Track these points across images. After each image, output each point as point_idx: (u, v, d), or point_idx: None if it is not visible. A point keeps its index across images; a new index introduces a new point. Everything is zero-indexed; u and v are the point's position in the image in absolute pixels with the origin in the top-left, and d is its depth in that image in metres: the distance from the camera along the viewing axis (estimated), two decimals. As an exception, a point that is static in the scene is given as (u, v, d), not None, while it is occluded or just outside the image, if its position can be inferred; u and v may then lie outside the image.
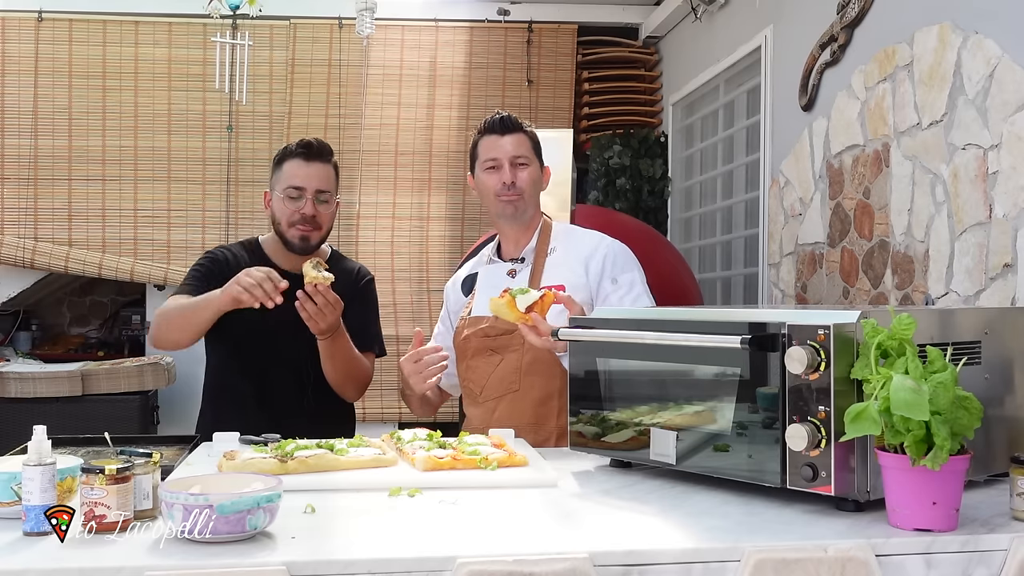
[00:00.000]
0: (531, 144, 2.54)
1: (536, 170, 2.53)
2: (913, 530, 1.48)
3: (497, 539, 1.48)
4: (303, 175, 2.56)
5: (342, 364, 2.54)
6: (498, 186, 2.47)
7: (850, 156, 3.33)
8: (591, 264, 2.45)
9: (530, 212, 2.53)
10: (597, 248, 2.48)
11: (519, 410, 2.39)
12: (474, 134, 2.58)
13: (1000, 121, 2.55)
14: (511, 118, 2.53)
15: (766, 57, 4.03)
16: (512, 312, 2.18)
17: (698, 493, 1.76)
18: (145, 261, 5.08)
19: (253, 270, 2.33)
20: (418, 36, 5.30)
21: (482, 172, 2.52)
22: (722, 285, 4.83)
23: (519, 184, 2.47)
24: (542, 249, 2.51)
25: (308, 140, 2.61)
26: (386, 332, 4.94)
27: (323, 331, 2.43)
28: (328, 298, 2.35)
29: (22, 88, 5.06)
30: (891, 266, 3.07)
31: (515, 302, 2.17)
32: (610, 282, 2.43)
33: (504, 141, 2.49)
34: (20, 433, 1.78)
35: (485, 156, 2.51)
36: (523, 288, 2.22)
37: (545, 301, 2.18)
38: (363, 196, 5.26)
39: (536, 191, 2.54)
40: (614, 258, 2.47)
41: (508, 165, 2.48)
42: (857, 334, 1.58)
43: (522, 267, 2.52)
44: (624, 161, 5.13)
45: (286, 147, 2.63)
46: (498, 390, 2.44)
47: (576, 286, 2.40)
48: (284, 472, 1.81)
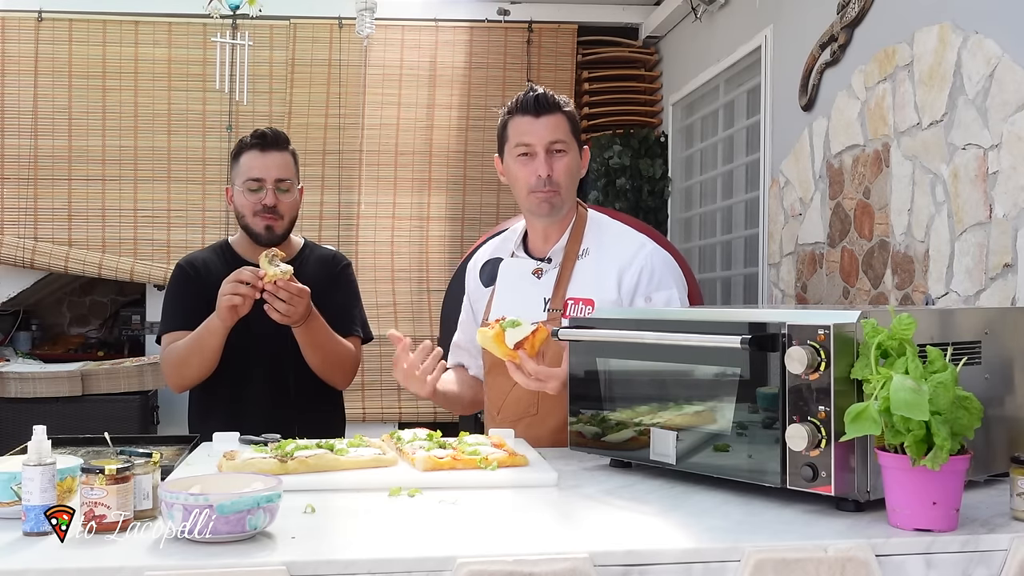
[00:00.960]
0: (570, 126, 2.22)
1: (575, 157, 2.23)
2: (913, 530, 1.48)
3: (497, 539, 1.48)
4: (260, 165, 2.56)
5: (322, 351, 2.53)
6: (532, 179, 2.19)
7: (850, 156, 3.33)
8: (625, 277, 2.20)
9: (566, 207, 2.25)
10: (635, 258, 2.22)
11: (537, 435, 2.19)
12: (502, 113, 2.28)
13: (1000, 121, 2.55)
14: (548, 96, 2.20)
15: (766, 57, 4.03)
16: (499, 347, 2.01)
17: (698, 493, 1.76)
18: (145, 261, 5.08)
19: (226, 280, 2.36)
20: (418, 36, 5.30)
21: (512, 160, 2.23)
22: (722, 285, 4.83)
23: (556, 177, 2.19)
24: (572, 250, 2.25)
25: (263, 130, 2.61)
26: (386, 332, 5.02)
27: (295, 321, 2.43)
28: (292, 291, 2.35)
29: (22, 88, 5.06)
30: (891, 266, 3.07)
31: (504, 336, 1.99)
32: (643, 300, 2.19)
33: (539, 124, 2.18)
34: (20, 433, 1.78)
35: (517, 140, 2.21)
36: (515, 320, 2.02)
37: (537, 337, 2.00)
38: (363, 196, 5.26)
39: (575, 182, 2.25)
40: (651, 272, 2.21)
41: (544, 153, 2.18)
42: (857, 334, 1.57)
43: (549, 268, 2.27)
44: (624, 161, 5.13)
45: (241, 140, 2.63)
46: (515, 413, 2.26)
47: (606, 303, 2.17)
48: (284, 472, 1.81)
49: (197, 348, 2.47)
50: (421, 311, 5.23)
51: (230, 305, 2.34)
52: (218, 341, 2.44)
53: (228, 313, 2.36)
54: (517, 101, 2.23)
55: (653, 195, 5.21)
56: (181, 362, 2.52)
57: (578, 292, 2.21)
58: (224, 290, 2.36)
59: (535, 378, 2.03)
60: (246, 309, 2.37)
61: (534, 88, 2.24)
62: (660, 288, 2.21)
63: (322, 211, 5.19)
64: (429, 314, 5.16)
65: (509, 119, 2.25)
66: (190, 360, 2.50)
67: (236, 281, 2.35)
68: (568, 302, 2.21)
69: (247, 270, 2.37)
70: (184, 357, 2.50)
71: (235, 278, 2.35)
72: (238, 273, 2.37)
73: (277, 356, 2.56)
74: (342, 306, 2.64)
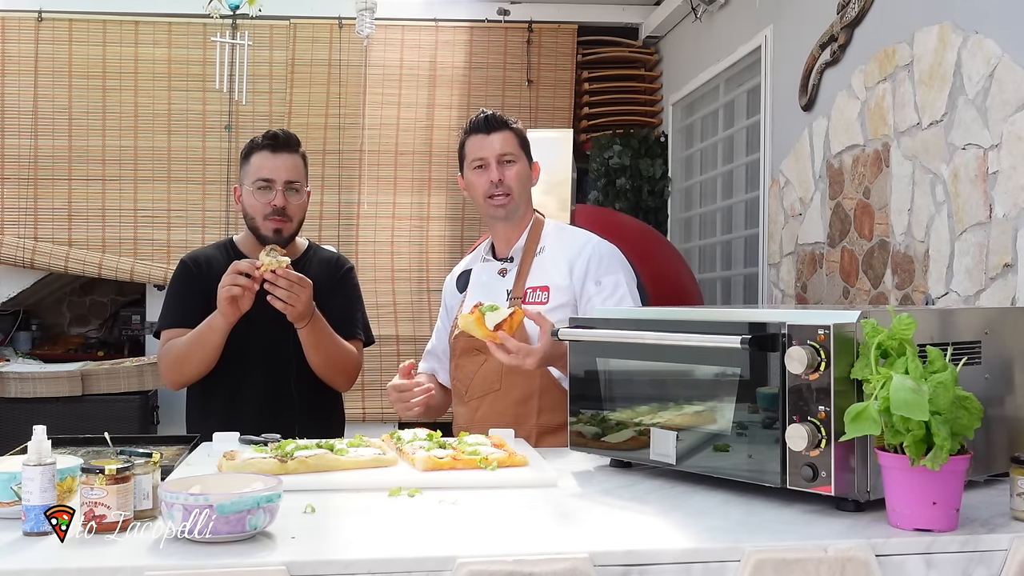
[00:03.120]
0: (518, 141, 2.51)
1: (525, 167, 2.51)
2: (913, 530, 1.48)
3: (497, 539, 1.48)
4: (271, 167, 2.55)
5: (326, 352, 2.53)
6: (486, 185, 2.46)
7: (850, 156, 3.33)
8: (575, 265, 2.44)
9: (521, 211, 2.51)
10: (583, 249, 2.47)
11: (499, 409, 2.40)
12: (460, 135, 2.57)
13: (1000, 121, 2.55)
14: (496, 116, 2.50)
15: (766, 57, 4.03)
16: (480, 329, 2.17)
17: (698, 493, 1.76)
18: (145, 261, 5.08)
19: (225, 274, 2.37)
20: (418, 36, 5.30)
21: (470, 172, 2.51)
22: (722, 285, 4.83)
23: (507, 182, 2.46)
24: (531, 248, 2.51)
25: (274, 131, 2.60)
26: (386, 332, 5.04)
27: (300, 315, 2.42)
28: (291, 278, 2.36)
29: (22, 88, 5.05)
30: (891, 266, 3.07)
31: (484, 319, 2.17)
32: (593, 284, 2.42)
33: (490, 140, 2.47)
34: (20, 433, 1.78)
35: (472, 156, 2.50)
36: (492, 305, 2.21)
37: (514, 319, 2.17)
38: (363, 196, 5.26)
39: (526, 188, 2.52)
40: (599, 259, 2.45)
41: (496, 164, 2.46)
42: (857, 334, 1.58)
43: (511, 266, 2.52)
44: (624, 161, 5.13)
45: (252, 140, 2.62)
46: (481, 389, 2.46)
47: (560, 287, 2.42)
48: (284, 472, 1.81)
49: (198, 345, 2.46)
50: (421, 311, 5.23)
51: (229, 296, 2.34)
52: (219, 338, 2.43)
53: (228, 307, 2.35)
54: (471, 122, 2.52)
55: (653, 195, 5.21)
56: (181, 359, 2.51)
57: (534, 282, 2.47)
58: (223, 282, 2.36)
59: (516, 355, 2.16)
60: (247, 303, 2.36)
61: (484, 111, 2.53)
62: (608, 273, 2.44)
63: (322, 211, 5.19)
64: (429, 314, 5.16)
65: (466, 139, 2.53)
66: (190, 357, 2.49)
67: (234, 273, 2.35)
68: (527, 291, 2.47)
69: (244, 261, 2.38)
70: (184, 354, 2.50)
71: (233, 270, 2.35)
72: (235, 265, 2.36)
73: (277, 356, 2.55)
74: (344, 309, 2.65)
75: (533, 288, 2.45)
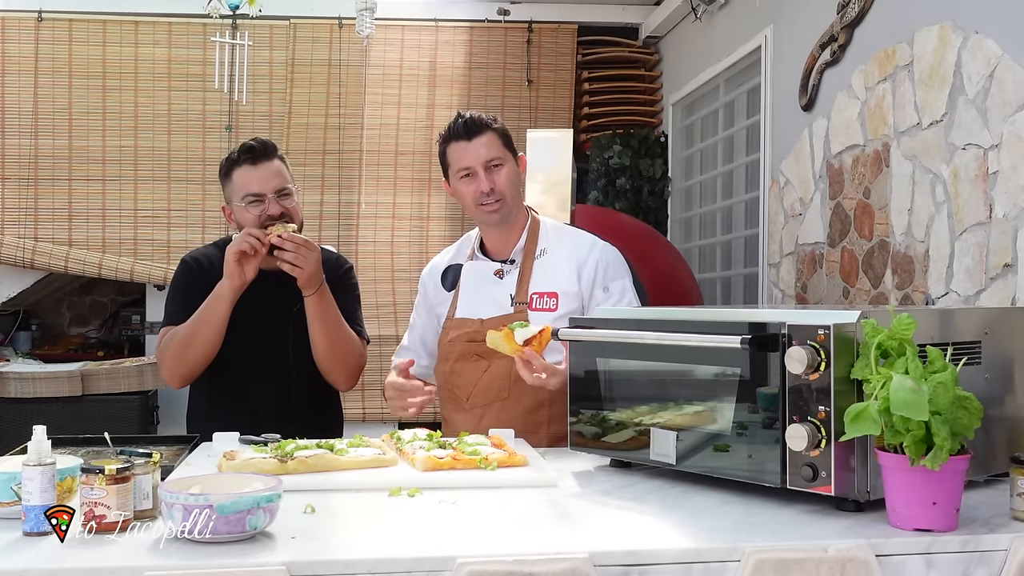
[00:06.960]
0: (501, 141, 2.41)
1: (512, 167, 2.42)
2: (913, 530, 1.49)
3: (497, 539, 1.48)
4: (256, 179, 2.51)
5: (331, 330, 2.50)
6: (477, 195, 2.38)
7: (850, 156, 3.33)
8: (584, 271, 2.41)
9: (515, 212, 2.45)
10: (591, 254, 2.44)
11: (508, 418, 2.34)
12: (439, 142, 2.46)
13: (1000, 121, 2.55)
14: (474, 119, 2.40)
15: (766, 57, 4.03)
16: (509, 344, 2.15)
17: (698, 493, 1.76)
18: (145, 261, 5.08)
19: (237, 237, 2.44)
20: (418, 36, 5.30)
21: (457, 181, 2.42)
22: (722, 285, 4.83)
23: (498, 188, 2.38)
24: (530, 250, 2.45)
25: (249, 143, 2.56)
26: (386, 332, 5.04)
27: (309, 277, 2.42)
28: (297, 240, 2.39)
29: (22, 88, 5.06)
30: (891, 266, 3.07)
31: (513, 335, 2.15)
32: (602, 290, 2.41)
33: (473, 145, 2.37)
34: (20, 433, 1.78)
35: (457, 166, 2.40)
36: (523, 323, 2.18)
37: (543, 336, 2.14)
38: (363, 196, 5.25)
39: (517, 190, 2.44)
40: (607, 265, 2.43)
41: (483, 171, 2.37)
42: (857, 334, 1.58)
43: (511, 268, 2.47)
44: (624, 161, 5.13)
45: (229, 156, 2.58)
46: (486, 397, 2.40)
47: (569, 293, 2.40)
48: (284, 472, 1.81)
49: (203, 320, 2.43)
50: (421, 311, 5.23)
51: (239, 252, 2.36)
52: (225, 309, 2.41)
53: (235, 267, 2.37)
54: (449, 129, 2.42)
55: (653, 195, 5.21)
56: (185, 342, 2.46)
57: (540, 287, 2.42)
58: (234, 240, 2.41)
59: (541, 374, 2.14)
60: (252, 271, 2.39)
61: (461, 115, 2.43)
62: (615, 278, 2.43)
63: (322, 211, 5.19)
64: (429, 314, 5.16)
65: (446, 147, 2.44)
66: (196, 338, 2.44)
67: (246, 234, 2.40)
68: (533, 296, 2.41)
69: (254, 229, 2.43)
70: (190, 335, 2.45)
71: (245, 233, 2.41)
72: (247, 230, 2.42)
73: (278, 355, 2.55)
74: (345, 308, 2.64)
75: (540, 294, 2.41)
